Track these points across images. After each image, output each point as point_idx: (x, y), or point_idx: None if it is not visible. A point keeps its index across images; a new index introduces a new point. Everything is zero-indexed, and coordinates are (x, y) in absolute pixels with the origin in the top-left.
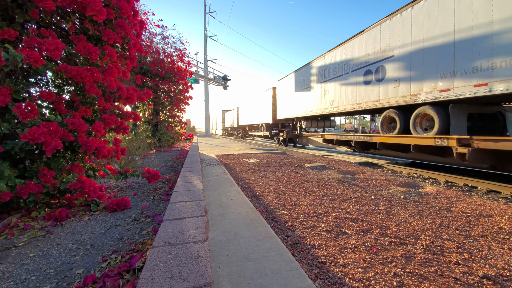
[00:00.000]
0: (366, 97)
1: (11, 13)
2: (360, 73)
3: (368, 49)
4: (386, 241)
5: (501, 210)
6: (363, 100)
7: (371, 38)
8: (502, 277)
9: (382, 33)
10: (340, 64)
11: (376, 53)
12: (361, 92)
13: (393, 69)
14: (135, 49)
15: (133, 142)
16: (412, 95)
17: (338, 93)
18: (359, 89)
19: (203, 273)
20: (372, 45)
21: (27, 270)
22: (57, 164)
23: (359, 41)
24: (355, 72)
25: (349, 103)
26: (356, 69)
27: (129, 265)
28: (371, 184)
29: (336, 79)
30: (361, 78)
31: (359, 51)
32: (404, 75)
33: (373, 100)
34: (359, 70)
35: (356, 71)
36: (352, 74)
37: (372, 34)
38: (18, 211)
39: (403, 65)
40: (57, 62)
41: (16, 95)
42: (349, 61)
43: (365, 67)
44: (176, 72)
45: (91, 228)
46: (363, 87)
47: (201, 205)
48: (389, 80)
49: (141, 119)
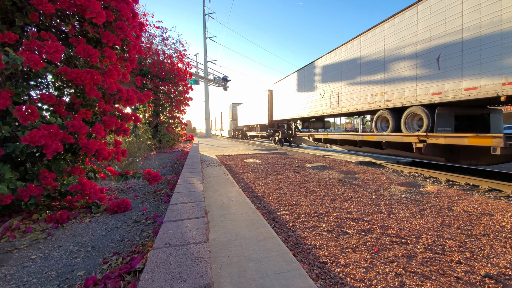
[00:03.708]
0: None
1: (11, 16)
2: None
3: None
4: (387, 241)
5: (503, 209)
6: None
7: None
8: (504, 276)
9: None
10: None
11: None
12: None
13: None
14: (134, 51)
15: (133, 143)
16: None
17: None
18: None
19: (203, 274)
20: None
21: (28, 272)
22: (57, 166)
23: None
24: (355, 73)
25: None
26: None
27: (130, 267)
28: (372, 183)
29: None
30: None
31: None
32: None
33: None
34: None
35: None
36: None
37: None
38: (19, 213)
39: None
40: (57, 64)
41: (17, 98)
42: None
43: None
44: (176, 73)
45: (92, 230)
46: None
47: (201, 206)
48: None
49: (141, 120)
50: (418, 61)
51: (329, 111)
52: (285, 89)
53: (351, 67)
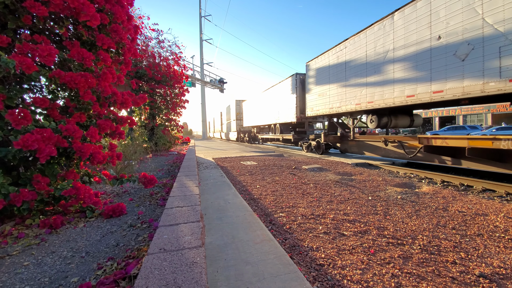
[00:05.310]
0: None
1: (3, 19)
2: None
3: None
4: (383, 242)
5: (496, 209)
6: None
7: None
8: (498, 275)
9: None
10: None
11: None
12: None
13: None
14: (130, 53)
15: (129, 146)
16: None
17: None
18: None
19: (198, 280)
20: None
21: (21, 279)
22: (51, 170)
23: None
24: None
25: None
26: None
27: (125, 272)
28: (368, 185)
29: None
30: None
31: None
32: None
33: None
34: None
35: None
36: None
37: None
38: (11, 219)
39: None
40: (51, 68)
41: (9, 102)
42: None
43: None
44: (172, 75)
45: (87, 235)
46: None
47: (196, 210)
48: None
49: (137, 123)
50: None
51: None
52: (334, 67)
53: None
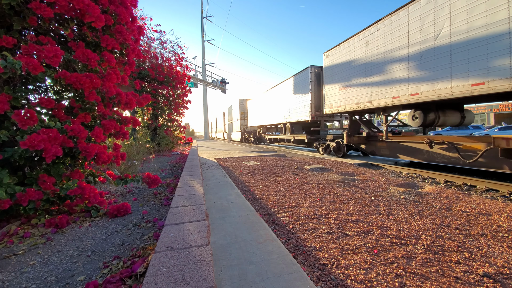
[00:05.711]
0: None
1: (9, 20)
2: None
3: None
4: (387, 242)
5: (500, 209)
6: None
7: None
8: (502, 275)
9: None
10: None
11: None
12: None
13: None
14: (133, 54)
15: (132, 147)
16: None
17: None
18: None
19: (206, 277)
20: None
21: (27, 278)
22: (57, 170)
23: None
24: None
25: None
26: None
27: (131, 271)
28: (371, 185)
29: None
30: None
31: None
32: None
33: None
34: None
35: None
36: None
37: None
38: (17, 218)
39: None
40: (56, 68)
41: (15, 102)
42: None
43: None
44: (174, 76)
45: (92, 234)
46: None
47: (202, 209)
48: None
49: (140, 124)
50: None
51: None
52: (362, 55)
53: None
